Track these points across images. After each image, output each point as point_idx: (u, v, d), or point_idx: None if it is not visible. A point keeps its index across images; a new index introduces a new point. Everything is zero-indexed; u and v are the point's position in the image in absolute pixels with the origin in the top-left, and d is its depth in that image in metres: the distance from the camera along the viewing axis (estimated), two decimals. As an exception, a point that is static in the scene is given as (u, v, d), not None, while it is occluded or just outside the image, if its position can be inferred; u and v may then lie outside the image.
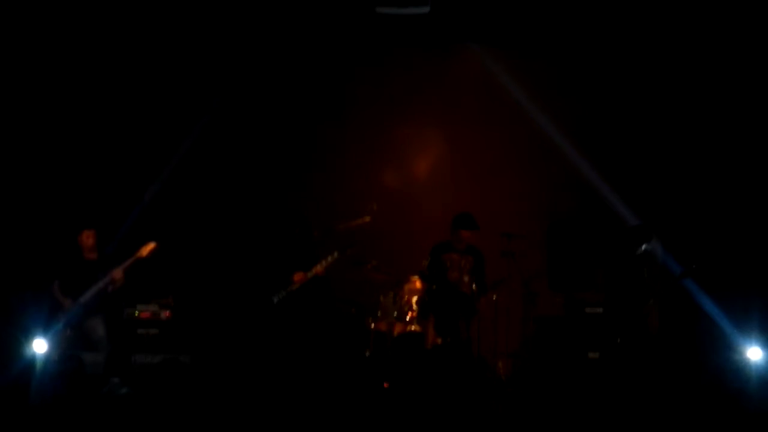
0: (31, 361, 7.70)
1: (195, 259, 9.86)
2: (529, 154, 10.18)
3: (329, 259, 8.53)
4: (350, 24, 9.67)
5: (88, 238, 8.34)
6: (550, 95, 10.03)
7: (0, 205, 9.29)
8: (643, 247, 8.32)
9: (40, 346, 7.83)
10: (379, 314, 9.06)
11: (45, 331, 7.97)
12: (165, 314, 8.93)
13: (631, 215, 9.42)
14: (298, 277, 8.51)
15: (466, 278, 8.65)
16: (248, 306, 8.98)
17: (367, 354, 8.83)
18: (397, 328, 8.95)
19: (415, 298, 9.13)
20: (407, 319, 8.99)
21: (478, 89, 10.14)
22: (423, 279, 8.80)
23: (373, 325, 8.99)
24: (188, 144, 9.99)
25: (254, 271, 8.99)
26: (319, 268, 8.52)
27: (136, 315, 8.89)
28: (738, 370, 7.96)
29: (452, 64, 10.27)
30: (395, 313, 9.03)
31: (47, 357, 7.81)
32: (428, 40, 10.05)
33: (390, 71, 10.26)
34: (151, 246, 8.21)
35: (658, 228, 8.69)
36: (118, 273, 8.12)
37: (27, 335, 7.84)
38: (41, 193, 9.56)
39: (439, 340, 8.68)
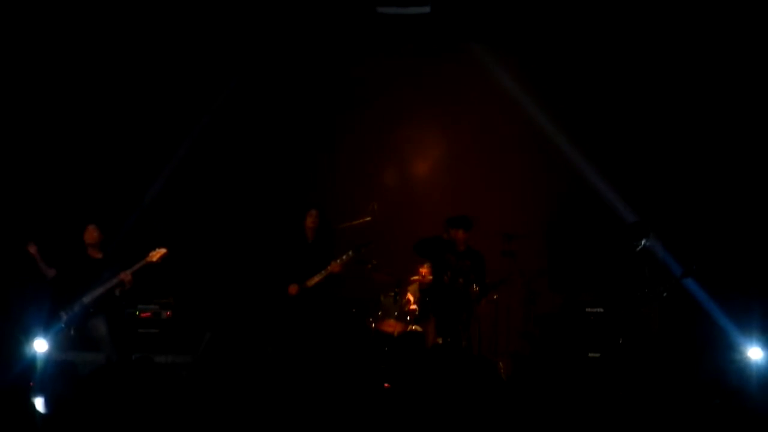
0: (32, 361, 7.71)
1: (196, 260, 9.87)
2: (529, 154, 10.18)
3: (344, 257, 8.51)
4: (351, 24, 9.67)
5: (92, 233, 8.30)
6: (550, 95, 10.03)
7: (2, 204, 9.30)
8: (642, 242, 8.30)
9: (40, 345, 7.84)
10: (379, 314, 9.07)
11: (46, 330, 7.98)
12: (165, 314, 8.95)
13: (631, 215, 9.41)
14: (293, 289, 8.51)
15: (461, 280, 8.62)
16: (249, 306, 8.99)
17: (367, 354, 8.83)
18: (398, 328, 8.96)
19: (415, 298, 9.16)
20: (407, 319, 9.01)
21: (479, 89, 10.14)
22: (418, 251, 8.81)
23: (373, 325, 9.00)
24: (188, 145, 10.00)
25: (255, 270, 8.99)
26: (335, 266, 8.49)
27: (137, 315, 8.91)
28: (738, 369, 7.96)
29: (453, 64, 10.26)
30: (395, 313, 9.04)
31: (48, 357, 7.82)
32: (429, 40, 10.05)
33: (390, 71, 10.26)
34: (161, 252, 8.18)
35: (658, 228, 8.68)
36: (127, 276, 8.09)
37: (27, 335, 7.85)
38: (43, 192, 9.57)
39: (440, 340, 8.68)
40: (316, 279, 8.51)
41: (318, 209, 8.74)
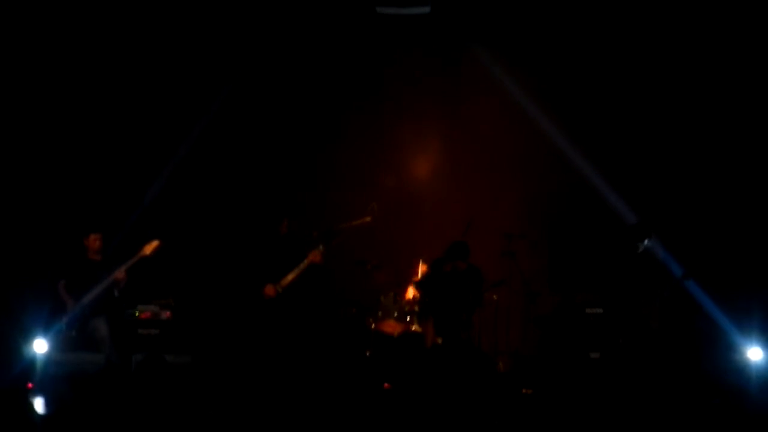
0: (32, 361, 7.71)
1: (195, 260, 9.86)
2: (529, 154, 10.17)
3: (316, 251, 8.48)
4: (351, 24, 9.67)
5: (95, 241, 8.40)
6: (550, 95, 10.02)
7: (2, 206, 9.30)
8: (644, 243, 8.30)
9: (40, 346, 7.84)
10: (379, 314, 9.06)
11: (46, 330, 7.98)
12: (165, 314, 8.95)
13: (631, 215, 9.41)
14: (269, 290, 8.49)
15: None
16: (248, 306, 8.98)
17: (368, 354, 8.83)
18: (398, 328, 8.96)
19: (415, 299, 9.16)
20: (407, 319, 9.01)
21: (478, 89, 10.13)
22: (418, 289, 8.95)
23: (373, 325, 8.99)
24: (188, 146, 9.99)
25: (253, 270, 8.98)
26: (315, 255, 8.44)
27: (137, 315, 8.90)
28: (738, 370, 7.96)
29: (453, 64, 10.26)
30: (396, 313, 9.04)
31: (48, 357, 7.82)
32: (429, 41, 10.05)
33: (390, 71, 10.25)
34: (154, 244, 8.23)
35: (658, 228, 8.68)
36: (120, 273, 8.13)
37: (26, 336, 7.85)
38: (43, 193, 9.57)
39: (439, 340, 8.68)
40: (290, 277, 8.47)
41: (289, 218, 8.74)
